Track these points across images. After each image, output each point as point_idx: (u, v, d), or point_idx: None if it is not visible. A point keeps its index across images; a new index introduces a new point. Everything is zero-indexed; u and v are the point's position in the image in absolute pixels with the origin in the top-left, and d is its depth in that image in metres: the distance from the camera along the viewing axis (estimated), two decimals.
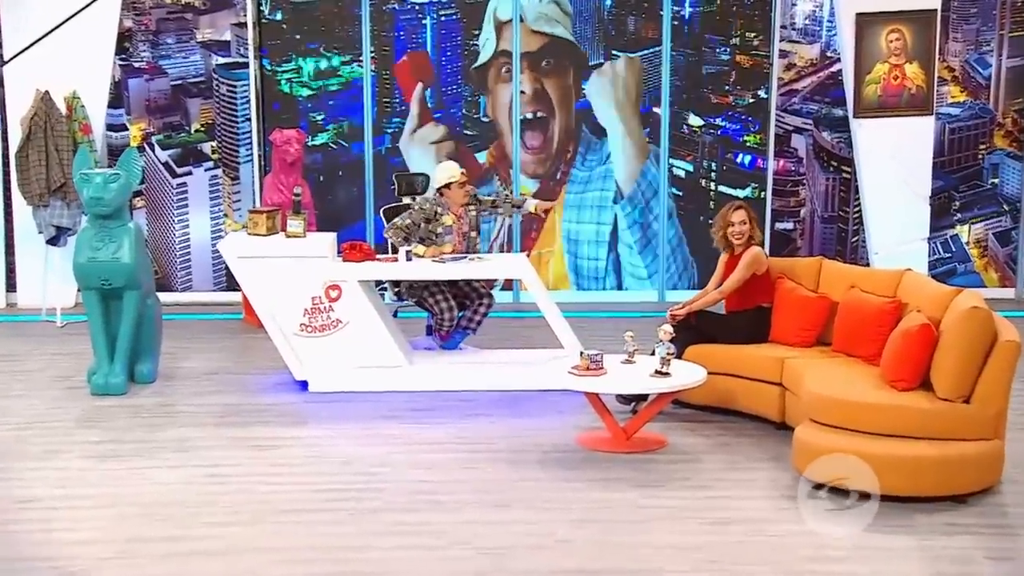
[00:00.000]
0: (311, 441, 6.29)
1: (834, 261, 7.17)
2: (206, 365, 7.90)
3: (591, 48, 10.00)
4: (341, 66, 9.93)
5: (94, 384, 7.11)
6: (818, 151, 10.12)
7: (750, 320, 6.91)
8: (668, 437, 6.36)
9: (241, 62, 9.88)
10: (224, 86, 9.94)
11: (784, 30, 9.96)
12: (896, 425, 5.48)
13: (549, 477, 5.75)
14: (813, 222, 10.23)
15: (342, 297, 7.21)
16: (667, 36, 9.92)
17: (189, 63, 9.92)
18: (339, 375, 7.25)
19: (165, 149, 9.97)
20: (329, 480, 5.67)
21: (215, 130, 9.97)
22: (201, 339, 8.69)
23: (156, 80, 9.90)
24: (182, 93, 9.94)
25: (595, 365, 6.17)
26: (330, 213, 9.81)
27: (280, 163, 8.91)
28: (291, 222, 7.38)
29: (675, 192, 10.13)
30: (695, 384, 6.21)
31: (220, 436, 6.34)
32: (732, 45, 10.00)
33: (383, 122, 10.01)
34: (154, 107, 9.93)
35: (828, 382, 5.87)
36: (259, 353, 7.90)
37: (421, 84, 9.83)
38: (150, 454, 6.04)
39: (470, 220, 7.58)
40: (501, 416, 6.76)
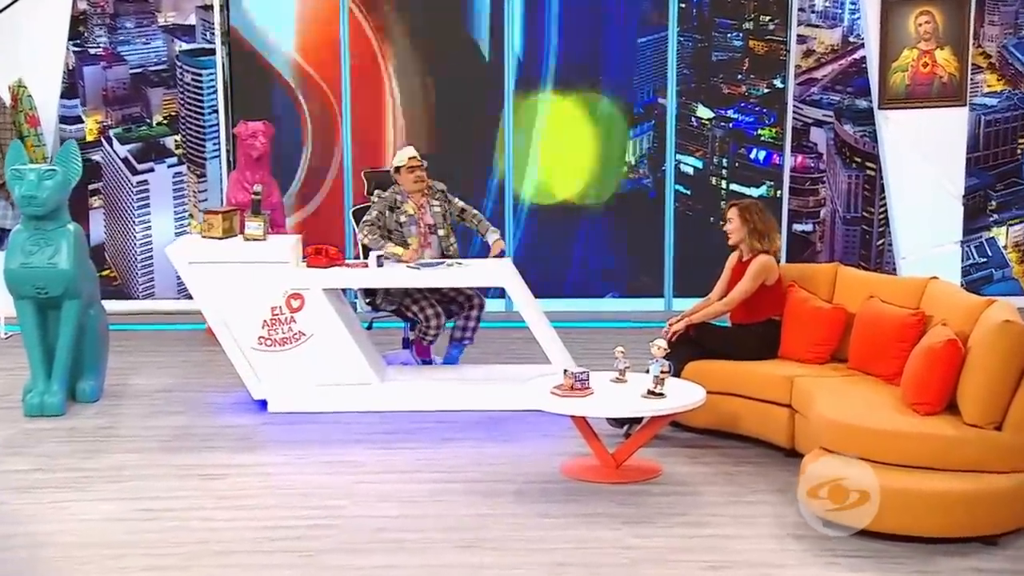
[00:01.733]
0: (265, 469, 6.00)
1: (852, 268, 6.84)
2: (159, 382, 7.63)
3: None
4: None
5: (28, 404, 6.83)
6: (840, 146, 9.85)
7: (758, 334, 6.61)
8: (663, 465, 6.06)
9: (207, 48, 9.62)
10: (189, 75, 9.69)
11: (803, 13, 9.73)
12: (917, 455, 5.17)
13: (527, 512, 5.44)
14: (834, 224, 9.95)
15: (304, 307, 6.92)
16: (673, 20, 9.63)
17: (150, 49, 9.68)
18: (301, 394, 6.96)
19: (124, 144, 9.74)
20: (280, 516, 5.37)
21: (179, 123, 9.72)
22: (159, 352, 8.44)
23: (114, 68, 9.66)
24: (142, 82, 9.70)
25: (580, 384, 5.87)
26: (309, 214, 9.55)
27: (245, 158, 8.65)
28: (249, 224, 7.09)
29: (682, 190, 9.82)
30: (692, 406, 5.90)
31: (163, 464, 6.05)
32: (745, 30, 9.74)
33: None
34: (112, 98, 9.70)
35: (841, 404, 5.57)
36: (219, 368, 7.61)
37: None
38: (80, 485, 5.74)
39: (434, 215, 7.37)
40: (480, 440, 6.47)
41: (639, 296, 9.89)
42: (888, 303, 6.19)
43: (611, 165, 9.81)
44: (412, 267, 7.12)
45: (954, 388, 5.38)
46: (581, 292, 9.88)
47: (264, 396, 6.98)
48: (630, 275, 9.88)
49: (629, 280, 9.90)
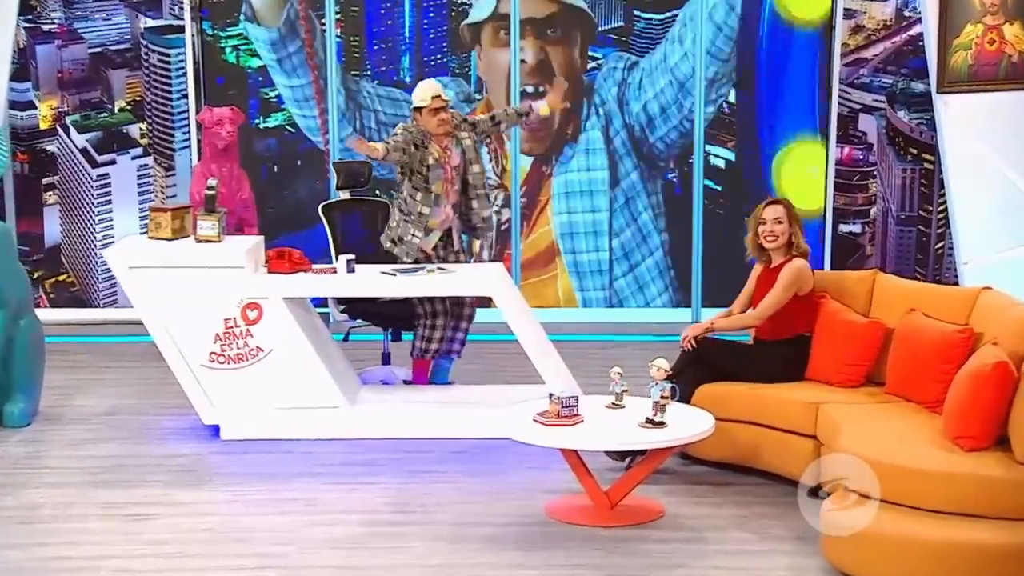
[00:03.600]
0: (206, 508, 5.70)
1: (893, 276, 6.43)
2: (105, 403, 7.37)
3: (609, 8, 9.34)
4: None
5: None
6: (893, 135, 9.49)
7: (784, 354, 6.25)
8: (666, 505, 5.70)
9: (176, 25, 9.37)
10: (155, 55, 9.44)
11: None
12: (959, 499, 4.79)
13: (498, 562, 5.10)
14: (886, 224, 9.58)
15: (263, 319, 6.61)
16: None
17: (111, 26, 9.41)
18: (258, 419, 6.66)
19: (83, 132, 9.49)
20: (207, 566, 5.05)
21: (144, 109, 9.47)
22: (114, 368, 8.19)
23: (71, 47, 9.42)
24: (103, 63, 9.46)
25: (568, 411, 5.51)
26: (286, 212, 9.26)
27: (211, 148, 8.36)
28: (202, 223, 6.78)
29: (711, 186, 9.45)
30: (697, 437, 5.54)
31: (89, 501, 5.75)
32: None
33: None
34: (68, 80, 9.46)
35: (870, 437, 5.21)
36: (176, 388, 7.28)
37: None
38: None
39: (465, 150, 7.01)
40: (456, 473, 6.14)
41: (664, 306, 9.52)
42: (932, 317, 5.79)
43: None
44: (387, 273, 6.79)
45: (1005, 419, 4.99)
46: (600, 300, 9.55)
47: (216, 421, 6.68)
48: (655, 282, 9.53)
49: (653, 287, 9.53)
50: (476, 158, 7.03)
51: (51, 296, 9.60)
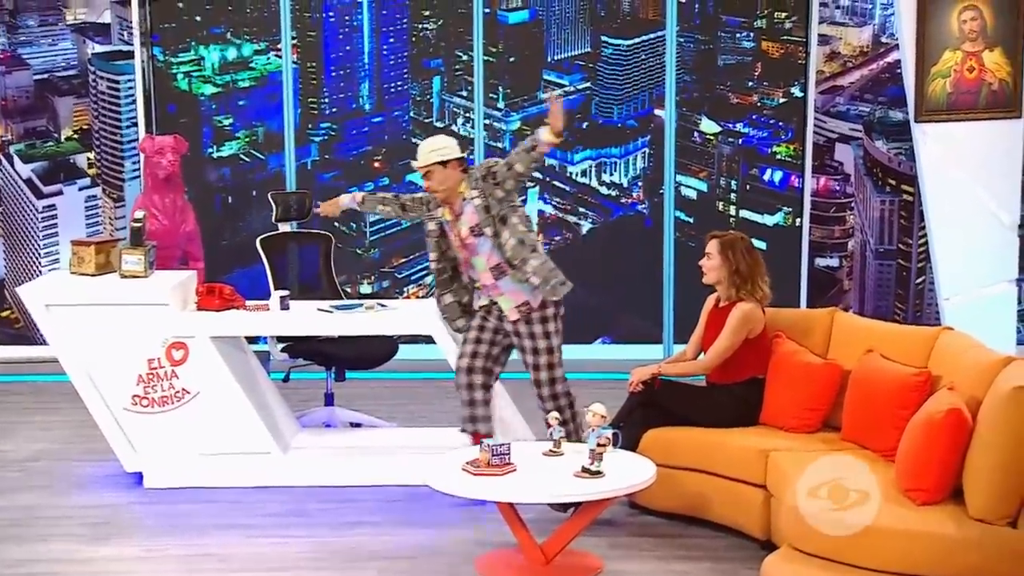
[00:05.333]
0: (111, 566, 5.40)
1: (851, 314, 6.16)
2: (29, 448, 7.11)
3: (574, 33, 9.13)
4: (254, 56, 9.18)
5: None
6: (870, 166, 9.23)
7: (737, 397, 5.97)
8: (608, 559, 5.40)
9: (125, 51, 9.16)
10: (104, 81, 9.23)
11: (825, 9, 9.22)
12: (907, 559, 4.52)
13: None
14: (865, 258, 9.30)
15: (189, 359, 6.33)
16: (672, 17, 9.06)
17: (57, 52, 9.21)
18: (184, 466, 6.36)
19: (28, 162, 9.31)
20: None
21: (92, 138, 9.24)
22: (46, 409, 7.93)
23: (15, 73, 9.24)
24: (49, 91, 9.25)
25: (500, 459, 5.21)
26: (239, 246, 9.02)
27: (152, 178, 8.11)
28: (127, 257, 6.51)
29: (683, 218, 9.20)
30: (635, 488, 5.23)
31: (9, 559, 5.44)
32: (757, 29, 9.22)
33: (309, 128, 9.19)
34: (13, 108, 9.30)
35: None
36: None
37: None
38: None
39: (477, 210, 5.91)
40: (387, 525, 5.86)
41: (634, 342, 9.25)
42: (889, 359, 5.50)
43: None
44: (325, 310, 6.51)
45: (959, 471, 4.69)
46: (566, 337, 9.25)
47: (139, 468, 6.39)
48: (624, 317, 9.24)
49: (623, 324, 9.25)
50: (490, 221, 5.90)
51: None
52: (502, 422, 6.35)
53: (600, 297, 9.18)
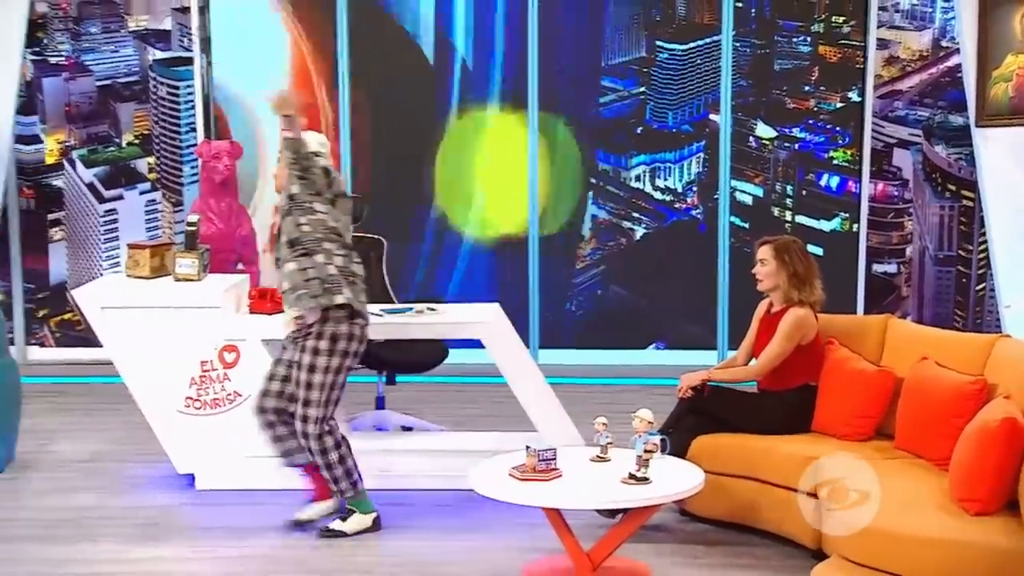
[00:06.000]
0: (158, 566, 5.40)
1: (904, 321, 6.02)
2: (84, 448, 7.11)
3: (628, 39, 9.05)
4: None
5: None
6: (930, 171, 9.04)
7: (788, 404, 5.85)
8: (655, 566, 5.32)
9: (185, 57, 9.16)
10: (164, 87, 9.23)
11: (884, 13, 8.99)
12: (961, 570, 4.41)
13: None
14: (923, 264, 9.11)
15: (240, 362, 6.30)
16: (728, 22, 8.95)
17: (119, 58, 9.23)
18: (236, 468, 6.34)
19: (90, 167, 9.33)
20: None
21: (152, 143, 9.27)
22: (104, 410, 7.91)
23: (78, 80, 9.24)
24: (111, 96, 9.27)
25: (545, 465, 5.13)
26: None
27: (208, 183, 8.13)
28: (181, 260, 6.51)
29: (738, 223, 9.08)
30: (682, 495, 5.15)
31: (29, 558, 5.44)
32: (814, 33, 9.01)
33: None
34: (76, 114, 9.29)
35: None
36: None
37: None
38: None
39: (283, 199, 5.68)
40: (435, 529, 5.80)
41: (688, 348, 9.13)
42: (944, 367, 5.36)
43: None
44: (376, 314, 6.46)
45: (1014, 481, 4.55)
46: (619, 342, 9.19)
47: (191, 470, 6.38)
48: (678, 323, 9.12)
49: (677, 329, 9.14)
50: (282, 214, 5.66)
51: (56, 335, 9.40)
52: (551, 424, 6.27)
53: (653, 302, 9.08)
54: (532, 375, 6.50)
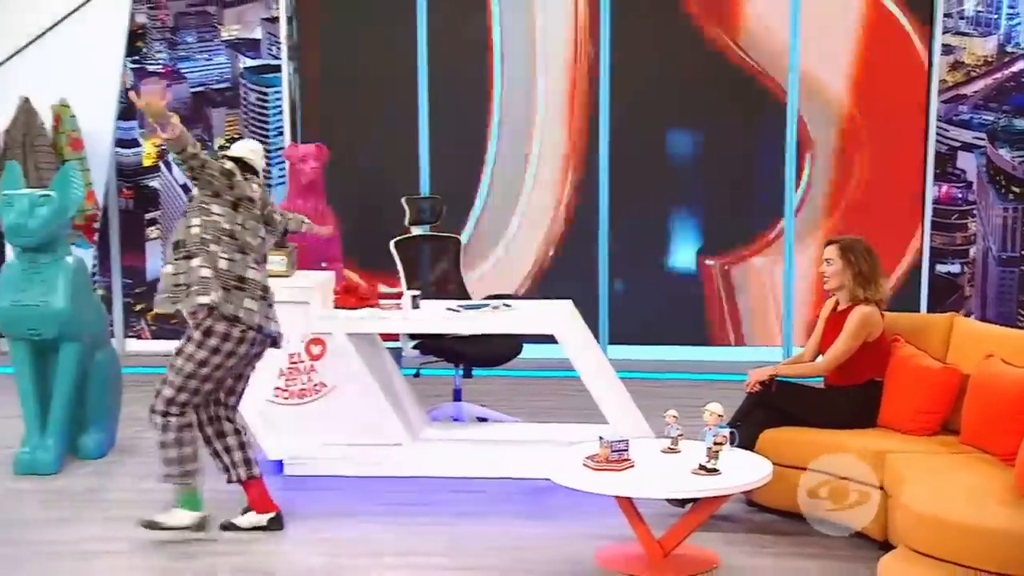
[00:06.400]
0: (252, 547, 5.41)
1: (969, 319, 5.90)
2: None
3: None
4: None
5: (18, 460, 6.39)
6: (993, 173, 8.87)
7: (854, 399, 5.76)
8: (724, 555, 5.24)
9: (273, 64, 9.22)
10: (253, 93, 9.29)
11: (949, 19, 8.76)
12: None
13: None
14: (987, 264, 8.93)
15: (326, 354, 6.33)
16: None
17: (212, 66, 9.31)
18: (321, 455, 6.36)
19: None
20: None
21: None
22: None
23: (174, 86, 9.31)
24: (204, 102, 9.34)
25: (618, 455, 5.09)
26: (374, 247, 9.04)
27: (295, 184, 8.16)
28: (271, 257, 6.50)
29: None
30: (751, 486, 5.08)
31: (135, 539, 5.48)
32: None
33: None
34: None
35: (936, 491, 4.69)
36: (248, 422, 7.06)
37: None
38: (21, 567, 5.19)
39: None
40: (511, 516, 5.77)
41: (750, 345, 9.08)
42: (1010, 364, 5.24)
43: None
44: (453, 309, 6.47)
45: None
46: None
47: (279, 456, 6.41)
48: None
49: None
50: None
51: (152, 328, 9.50)
52: (622, 417, 6.23)
53: None
54: (603, 369, 6.46)
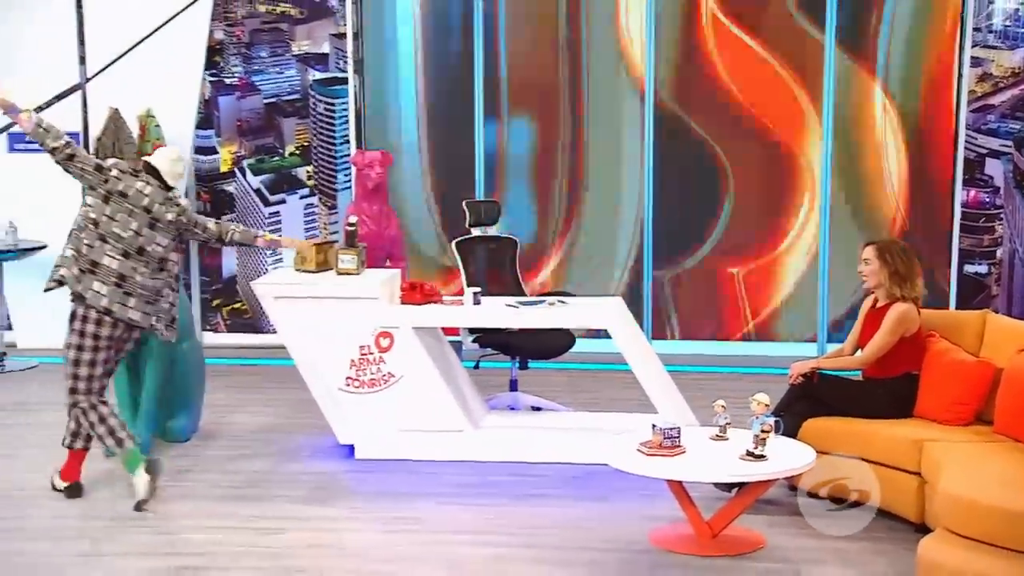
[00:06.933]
0: (325, 524, 5.48)
1: (1003, 316, 5.88)
2: (256, 421, 7.25)
3: None
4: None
5: None
6: (1020, 179, 8.81)
7: (892, 391, 5.75)
8: (769, 536, 5.26)
9: (340, 77, 9.29)
10: (321, 104, 9.37)
11: (978, 33, 8.69)
12: None
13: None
14: (1013, 265, 8.86)
15: (394, 347, 6.39)
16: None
17: (283, 79, 9.39)
18: (389, 440, 6.43)
19: (257, 175, 9.48)
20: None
21: (311, 153, 9.40)
22: (270, 388, 8.07)
23: (248, 98, 9.41)
24: (276, 112, 9.42)
25: (670, 442, 5.13)
26: (434, 247, 9.13)
27: (362, 188, 8.24)
28: (343, 256, 6.62)
29: None
30: (797, 471, 5.10)
31: (222, 514, 5.59)
32: None
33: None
34: (246, 128, 9.45)
35: (973, 477, 4.68)
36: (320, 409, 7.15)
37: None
38: (121, 538, 5.30)
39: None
40: (568, 498, 5.80)
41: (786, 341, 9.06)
42: None
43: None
44: (512, 305, 6.52)
45: None
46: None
47: (351, 441, 6.48)
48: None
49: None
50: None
51: (228, 322, 9.60)
52: (670, 407, 6.25)
53: None
54: (651, 361, 6.49)
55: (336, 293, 6.46)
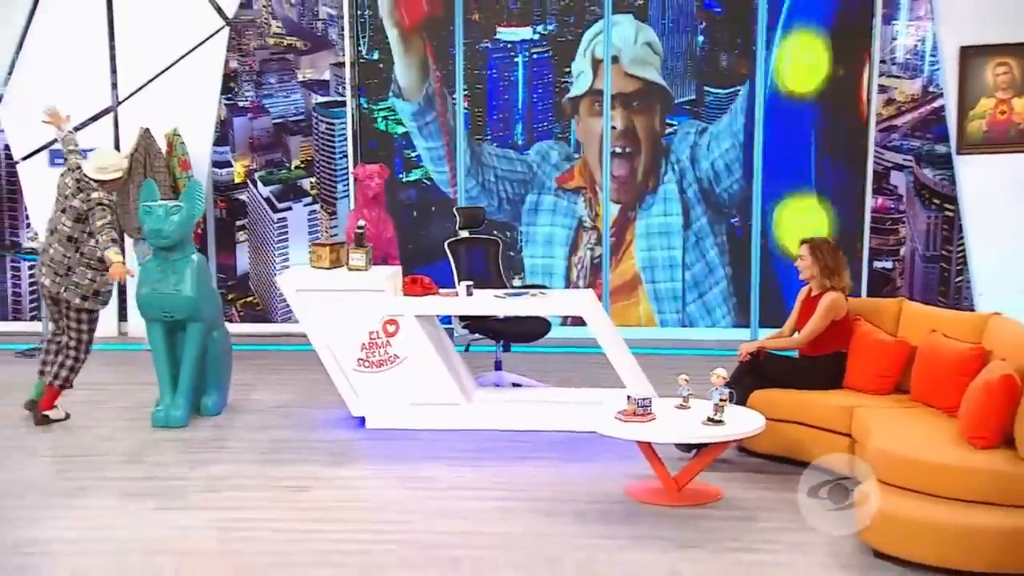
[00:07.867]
0: (349, 483, 5.60)
1: (916, 303, 6.12)
2: (276, 398, 7.33)
3: (684, 84, 9.17)
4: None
5: (155, 416, 6.58)
6: (919, 188, 9.08)
7: (824, 366, 5.96)
8: (726, 489, 5.45)
9: (339, 101, 9.39)
10: (323, 124, 9.46)
11: (883, 65, 8.95)
12: (971, 489, 4.48)
13: (583, 532, 4.91)
14: (914, 262, 9.14)
15: (399, 332, 6.53)
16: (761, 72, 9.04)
17: (290, 102, 9.47)
18: (395, 412, 6.56)
19: (267, 185, 9.54)
20: (347, 528, 4.96)
21: (314, 167, 9.49)
22: (284, 370, 8.16)
23: (259, 119, 9.48)
24: (283, 131, 9.49)
25: (643, 410, 5.31)
26: (422, 248, 9.23)
27: (363, 197, 8.34)
28: (353, 255, 6.74)
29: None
30: (750, 434, 5.30)
31: (258, 475, 5.70)
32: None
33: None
34: (257, 144, 9.53)
35: (897, 436, 4.90)
36: (331, 387, 7.24)
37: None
38: (178, 494, 5.41)
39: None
40: (554, 459, 5.96)
41: (727, 326, 9.27)
42: (950, 337, 5.48)
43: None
44: (499, 296, 6.68)
45: (1011, 422, 4.66)
46: (674, 321, 9.34)
47: (362, 413, 6.61)
48: (719, 307, 9.27)
49: (718, 311, 9.28)
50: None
51: (241, 313, 9.67)
52: (635, 383, 6.42)
53: (699, 291, 9.21)
54: (619, 344, 6.67)
55: (348, 286, 6.58)
